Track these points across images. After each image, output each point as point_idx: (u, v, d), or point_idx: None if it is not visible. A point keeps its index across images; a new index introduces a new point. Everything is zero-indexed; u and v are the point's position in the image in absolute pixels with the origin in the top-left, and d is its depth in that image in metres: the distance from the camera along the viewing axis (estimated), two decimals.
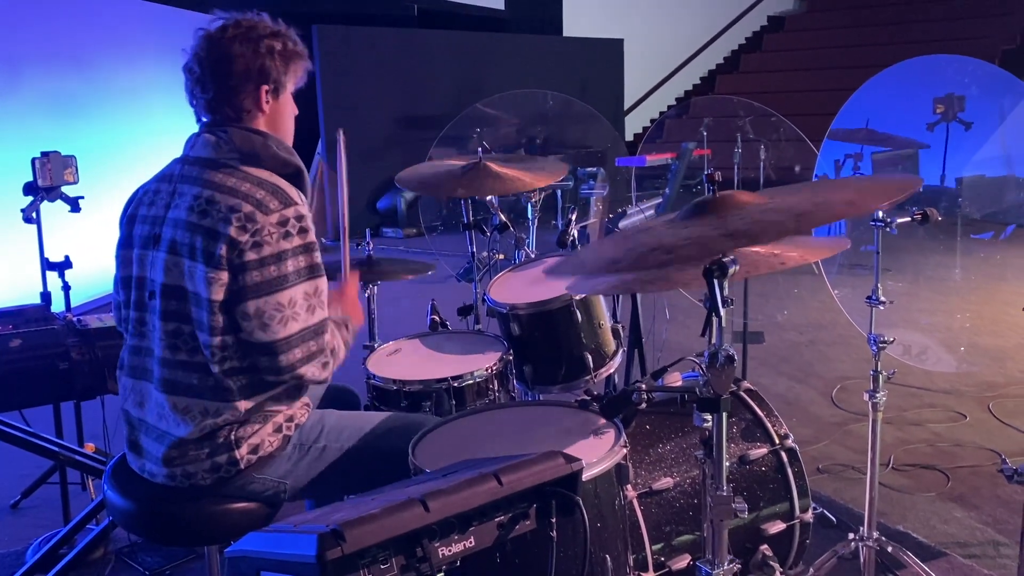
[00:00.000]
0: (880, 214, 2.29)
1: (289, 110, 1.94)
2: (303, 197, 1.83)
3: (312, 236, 1.79)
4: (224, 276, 1.72)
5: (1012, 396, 3.97)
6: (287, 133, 1.94)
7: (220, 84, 1.82)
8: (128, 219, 1.91)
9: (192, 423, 1.79)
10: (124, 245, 1.90)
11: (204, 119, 1.88)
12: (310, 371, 1.80)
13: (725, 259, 1.45)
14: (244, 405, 1.80)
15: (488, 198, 3.22)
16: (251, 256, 1.71)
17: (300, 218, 1.76)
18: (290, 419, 1.89)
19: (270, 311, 1.73)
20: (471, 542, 1.29)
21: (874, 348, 2.36)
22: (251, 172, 1.79)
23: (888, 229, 2.30)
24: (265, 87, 1.84)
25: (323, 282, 1.82)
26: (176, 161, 1.89)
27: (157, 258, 1.80)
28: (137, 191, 1.93)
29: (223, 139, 1.82)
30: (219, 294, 1.72)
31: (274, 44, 1.84)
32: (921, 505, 3.01)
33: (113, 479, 1.95)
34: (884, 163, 5.03)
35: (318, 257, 1.80)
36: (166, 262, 1.78)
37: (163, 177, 1.88)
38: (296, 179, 1.84)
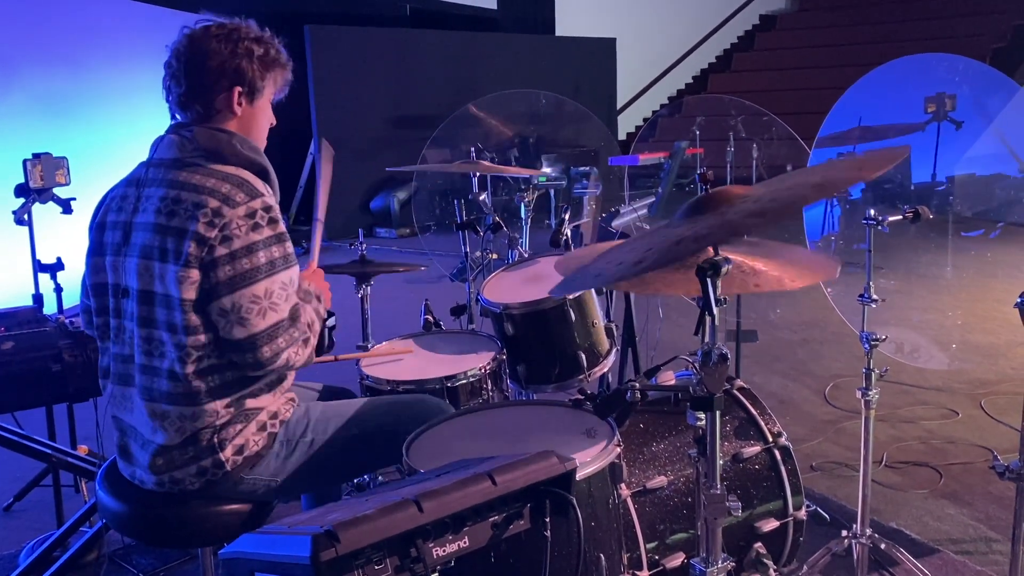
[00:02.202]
0: (872, 212, 2.30)
1: (264, 118, 1.93)
2: (270, 189, 1.82)
3: (282, 227, 1.79)
4: (195, 274, 1.71)
5: (1004, 393, 3.99)
6: (259, 141, 1.93)
7: (193, 80, 1.81)
8: (98, 226, 1.89)
9: (170, 429, 1.78)
10: (95, 252, 1.89)
11: (176, 118, 1.88)
12: (292, 354, 1.78)
13: (717, 258, 1.45)
14: (218, 406, 1.79)
15: (481, 198, 3.23)
16: (221, 251, 1.70)
17: (268, 208, 1.76)
18: (274, 416, 1.88)
19: (247, 304, 1.71)
20: (465, 542, 1.29)
21: (866, 346, 2.37)
22: (217, 168, 1.78)
23: (880, 227, 2.30)
24: (239, 88, 1.84)
25: (296, 271, 1.81)
26: (142, 165, 1.87)
27: (129, 264, 1.79)
28: (105, 196, 1.92)
29: (187, 138, 1.81)
30: (191, 292, 1.71)
31: (254, 48, 1.84)
32: (914, 502, 3.02)
33: (106, 482, 1.94)
34: None
35: (290, 247, 1.80)
36: (138, 267, 1.77)
37: (130, 181, 1.87)
38: (263, 177, 1.83)
